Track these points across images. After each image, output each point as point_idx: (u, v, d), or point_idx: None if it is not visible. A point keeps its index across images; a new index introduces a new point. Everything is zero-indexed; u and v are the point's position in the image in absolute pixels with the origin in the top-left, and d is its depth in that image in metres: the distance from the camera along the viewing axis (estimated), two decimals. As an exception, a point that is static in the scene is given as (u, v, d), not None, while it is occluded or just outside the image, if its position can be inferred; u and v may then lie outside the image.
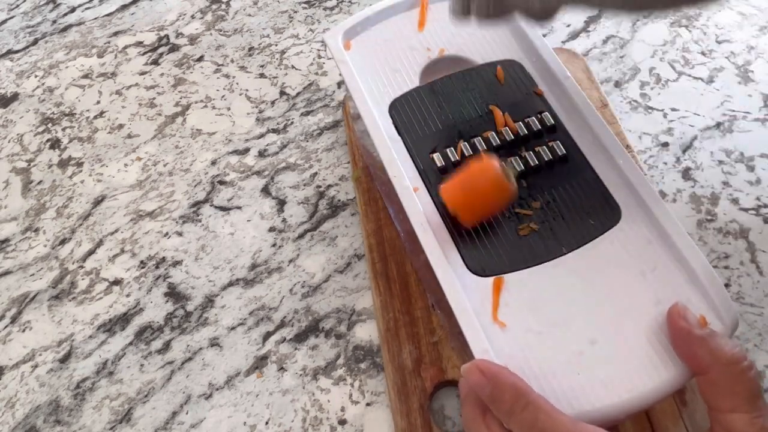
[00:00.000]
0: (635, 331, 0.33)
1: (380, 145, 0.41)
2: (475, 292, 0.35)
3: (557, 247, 0.37)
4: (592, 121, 0.41)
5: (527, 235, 0.37)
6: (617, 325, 0.34)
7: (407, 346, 0.44)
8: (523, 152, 0.40)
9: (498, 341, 0.33)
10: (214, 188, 0.57)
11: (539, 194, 0.39)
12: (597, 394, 0.32)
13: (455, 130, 0.42)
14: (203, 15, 0.72)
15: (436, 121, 0.43)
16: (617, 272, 0.35)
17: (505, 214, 0.38)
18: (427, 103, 0.43)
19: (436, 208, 0.39)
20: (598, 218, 0.37)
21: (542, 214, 0.38)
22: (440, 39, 0.47)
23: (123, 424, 0.44)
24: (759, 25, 0.64)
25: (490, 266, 0.36)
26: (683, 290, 0.34)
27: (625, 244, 0.36)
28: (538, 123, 0.42)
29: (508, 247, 0.37)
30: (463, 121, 0.43)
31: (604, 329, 0.34)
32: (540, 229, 0.37)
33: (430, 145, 0.42)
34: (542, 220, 0.38)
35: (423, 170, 0.40)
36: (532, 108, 0.43)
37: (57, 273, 0.52)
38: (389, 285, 0.47)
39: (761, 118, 0.56)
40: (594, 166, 0.40)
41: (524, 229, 0.38)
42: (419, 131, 0.42)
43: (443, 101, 0.43)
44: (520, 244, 0.37)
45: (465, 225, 0.37)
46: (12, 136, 0.63)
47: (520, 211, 0.38)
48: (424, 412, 0.41)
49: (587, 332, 0.34)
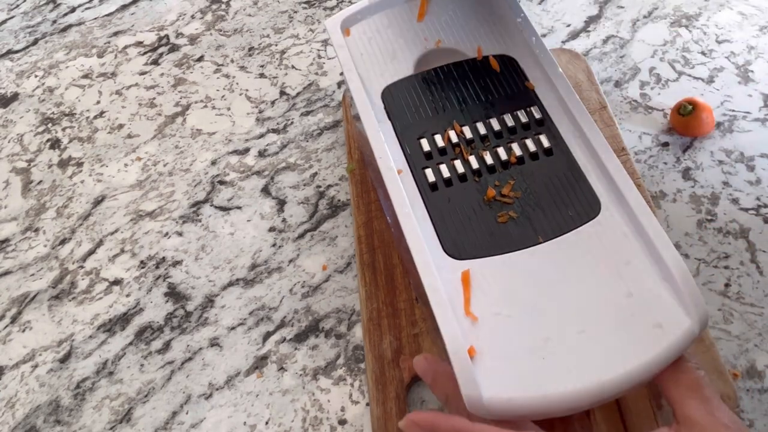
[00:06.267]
0: (604, 322, 0.34)
1: (369, 128, 0.41)
2: (450, 274, 0.36)
3: (533, 236, 0.37)
4: (579, 116, 0.41)
5: (505, 223, 0.38)
6: (586, 315, 0.34)
7: (388, 337, 0.45)
8: (509, 143, 0.41)
9: (468, 325, 0.34)
10: (214, 188, 0.57)
11: (521, 184, 0.40)
12: (560, 380, 0.32)
13: (445, 119, 0.43)
14: (203, 15, 0.72)
15: (426, 109, 0.43)
16: (591, 263, 0.36)
17: (486, 202, 0.39)
18: (419, 91, 0.44)
19: (419, 192, 0.39)
20: (576, 210, 0.38)
21: (522, 203, 0.39)
22: (437, 31, 0.47)
23: (123, 424, 0.44)
24: (759, 25, 0.64)
25: (466, 250, 0.37)
26: (655, 284, 0.35)
27: (602, 237, 0.37)
28: (526, 115, 0.42)
29: (486, 233, 0.38)
30: (454, 111, 0.43)
31: (572, 318, 0.34)
32: (519, 217, 0.38)
33: (419, 131, 0.42)
34: (522, 209, 0.39)
35: (409, 154, 0.41)
36: (521, 101, 0.43)
37: (57, 273, 0.52)
38: (375, 276, 0.48)
39: (761, 118, 0.56)
40: (578, 160, 0.40)
41: (503, 216, 0.38)
42: (409, 117, 0.43)
43: (435, 90, 0.44)
44: (498, 231, 0.38)
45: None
46: (12, 136, 0.63)
47: (501, 200, 0.39)
48: (400, 401, 0.42)
49: (556, 320, 0.34)
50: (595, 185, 0.39)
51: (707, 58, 0.62)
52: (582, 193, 0.39)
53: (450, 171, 0.40)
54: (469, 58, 0.46)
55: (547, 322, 0.34)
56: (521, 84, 0.44)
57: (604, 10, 0.67)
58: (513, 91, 0.44)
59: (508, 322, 0.34)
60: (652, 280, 0.35)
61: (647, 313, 0.33)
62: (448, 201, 0.39)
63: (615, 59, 0.62)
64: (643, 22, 0.66)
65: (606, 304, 0.34)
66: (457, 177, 0.40)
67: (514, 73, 0.45)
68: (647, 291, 0.34)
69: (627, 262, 0.35)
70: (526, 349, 0.33)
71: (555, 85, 0.43)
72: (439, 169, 0.40)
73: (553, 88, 0.43)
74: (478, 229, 0.38)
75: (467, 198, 0.39)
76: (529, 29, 0.46)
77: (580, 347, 0.33)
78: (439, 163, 0.41)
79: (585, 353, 0.33)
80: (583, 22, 0.66)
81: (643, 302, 0.34)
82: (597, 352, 0.33)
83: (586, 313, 0.34)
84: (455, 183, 0.40)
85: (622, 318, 0.33)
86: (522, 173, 0.40)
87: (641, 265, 0.35)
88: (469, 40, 0.47)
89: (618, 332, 0.33)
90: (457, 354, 0.32)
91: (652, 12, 0.67)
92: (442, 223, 0.38)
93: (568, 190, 0.39)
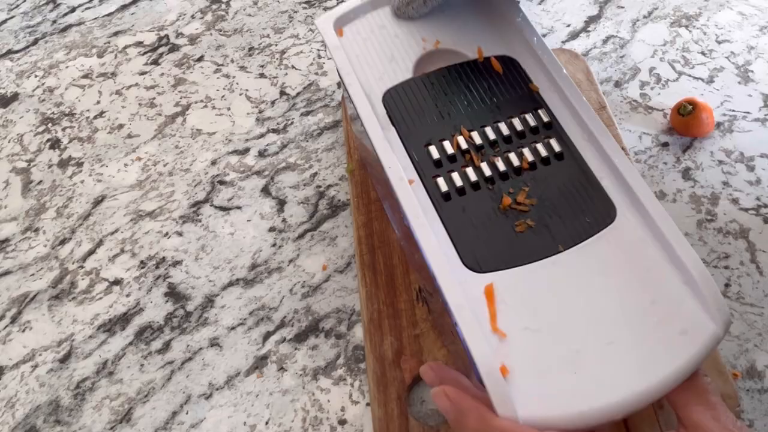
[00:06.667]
0: (631, 331, 0.33)
1: (374, 136, 0.40)
2: (473, 289, 0.35)
3: (553, 245, 0.37)
4: (587, 118, 0.40)
5: (524, 232, 0.37)
6: (613, 325, 0.34)
7: (389, 338, 0.45)
8: (519, 148, 0.40)
9: (497, 341, 0.33)
10: (214, 188, 0.57)
11: (535, 191, 0.39)
12: (594, 395, 0.32)
13: (450, 124, 0.42)
14: (203, 15, 0.72)
15: (431, 113, 0.42)
16: (612, 271, 0.35)
17: (502, 210, 0.38)
18: (422, 94, 0.43)
19: (432, 202, 0.38)
20: (593, 216, 0.37)
21: (538, 210, 0.38)
22: (436, 31, 0.46)
23: (123, 424, 0.44)
24: (759, 25, 0.64)
25: (486, 262, 0.36)
26: (677, 290, 0.34)
27: (620, 243, 0.36)
28: (534, 119, 0.41)
29: (504, 244, 0.37)
30: (459, 115, 0.42)
31: (600, 329, 0.34)
32: (536, 225, 0.37)
33: (426, 137, 0.41)
34: (539, 217, 0.38)
35: (418, 162, 0.40)
36: (527, 104, 0.42)
37: (57, 273, 0.52)
38: (375, 277, 0.47)
39: (761, 118, 0.56)
40: (589, 164, 0.39)
41: (521, 225, 0.37)
42: (414, 123, 0.42)
43: (438, 94, 0.43)
44: (517, 241, 0.37)
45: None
46: (12, 136, 0.63)
47: (516, 207, 0.38)
48: (402, 402, 0.42)
49: (584, 331, 0.34)
50: (609, 189, 0.38)
51: (707, 58, 0.62)
52: (597, 198, 0.38)
53: (462, 179, 0.39)
54: (470, 60, 0.45)
55: (575, 334, 0.33)
56: (525, 86, 0.43)
57: (604, 10, 0.67)
58: (517, 93, 0.43)
59: (536, 337, 0.33)
60: (673, 285, 0.34)
61: (672, 320, 0.33)
62: (462, 211, 0.38)
63: (615, 59, 0.62)
64: (643, 22, 0.66)
65: (631, 312, 0.34)
66: (470, 185, 0.39)
67: (516, 75, 0.44)
68: (670, 297, 0.34)
69: (648, 269, 0.35)
70: (556, 364, 0.32)
71: (560, 87, 0.42)
72: (451, 177, 0.39)
73: (558, 90, 0.42)
74: (497, 239, 0.37)
75: (482, 207, 0.38)
76: (529, 29, 0.45)
77: (611, 359, 0.32)
78: (450, 171, 0.39)
79: (616, 364, 0.32)
80: (583, 22, 0.66)
81: (667, 309, 0.34)
82: (627, 363, 0.32)
83: (613, 323, 0.34)
84: (468, 192, 0.39)
85: (649, 326, 0.33)
86: (535, 179, 0.39)
87: (662, 270, 0.35)
88: (468, 41, 0.46)
89: (646, 341, 0.33)
90: (490, 375, 0.31)
91: (652, 12, 0.67)
92: (459, 235, 0.37)
93: (583, 195, 0.38)
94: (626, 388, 0.32)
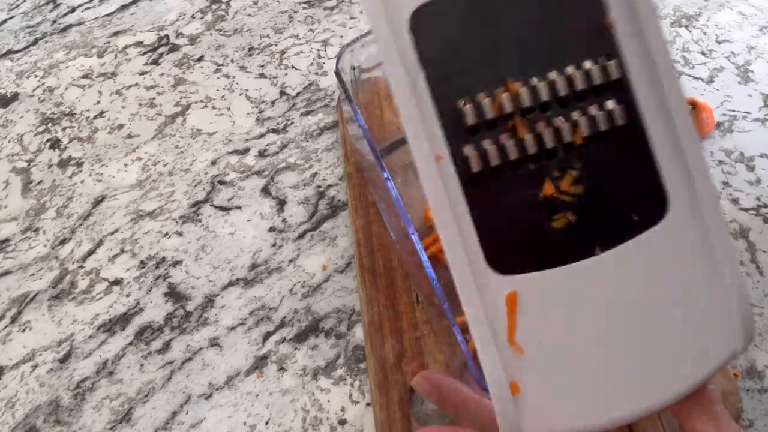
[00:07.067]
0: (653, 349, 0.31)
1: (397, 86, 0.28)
2: (494, 293, 0.30)
3: (590, 246, 0.30)
4: (665, 77, 0.30)
5: (561, 228, 0.30)
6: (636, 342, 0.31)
7: (390, 340, 0.45)
8: (574, 113, 0.30)
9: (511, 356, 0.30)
10: (214, 188, 0.57)
11: (583, 175, 0.30)
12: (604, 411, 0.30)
13: (494, 70, 0.30)
14: (203, 15, 0.72)
15: (471, 50, 0.30)
16: (648, 282, 0.31)
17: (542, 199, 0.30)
18: (463, 18, 0.30)
19: (460, 185, 0.29)
20: (640, 211, 0.31)
21: (582, 201, 0.30)
22: None
23: (123, 424, 0.44)
24: (759, 25, 0.64)
25: (513, 263, 0.30)
26: (711, 308, 0.31)
27: (664, 249, 0.31)
28: (600, 74, 0.30)
29: (536, 241, 0.30)
30: (507, 55, 0.30)
31: (621, 346, 0.31)
32: (575, 221, 0.30)
33: (461, 88, 0.29)
34: (580, 210, 0.30)
35: (446, 127, 0.29)
36: (595, 47, 0.30)
37: (57, 273, 0.52)
38: (375, 280, 0.47)
39: (761, 118, 0.56)
40: (652, 145, 0.30)
41: (559, 219, 0.30)
42: (448, 64, 0.30)
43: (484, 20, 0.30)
44: (551, 239, 0.30)
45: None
46: (12, 136, 0.63)
47: (559, 197, 0.30)
48: (404, 405, 0.42)
49: (609, 348, 0.31)
50: (666, 177, 0.30)
51: (707, 58, 0.62)
52: (651, 190, 0.31)
53: (500, 156, 0.29)
54: None
55: (599, 351, 0.30)
56: (598, 19, 0.30)
57: (604, 10, 0.67)
58: (586, 28, 0.30)
59: (555, 353, 0.30)
60: (708, 303, 0.31)
61: (699, 339, 0.31)
62: (495, 197, 0.30)
63: (615, 59, 0.62)
64: (643, 22, 0.66)
65: (659, 329, 0.31)
66: (509, 164, 0.29)
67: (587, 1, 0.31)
68: (702, 314, 0.31)
69: (688, 280, 0.31)
70: (573, 382, 0.30)
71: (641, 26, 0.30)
72: (486, 153, 0.29)
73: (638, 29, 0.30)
74: (528, 235, 0.30)
75: (519, 194, 0.30)
76: None
77: (629, 378, 0.30)
78: (483, 140, 0.29)
79: (634, 383, 0.30)
80: (583, 22, 0.66)
81: (696, 327, 0.31)
82: (644, 382, 0.30)
83: (637, 340, 0.31)
84: (505, 172, 0.29)
85: (675, 344, 0.31)
86: (585, 159, 0.30)
87: (701, 285, 0.31)
88: None
89: (666, 359, 0.30)
90: (499, 393, 0.29)
91: (652, 12, 0.67)
92: (487, 228, 0.29)
93: (636, 185, 0.31)
94: (639, 405, 0.30)
